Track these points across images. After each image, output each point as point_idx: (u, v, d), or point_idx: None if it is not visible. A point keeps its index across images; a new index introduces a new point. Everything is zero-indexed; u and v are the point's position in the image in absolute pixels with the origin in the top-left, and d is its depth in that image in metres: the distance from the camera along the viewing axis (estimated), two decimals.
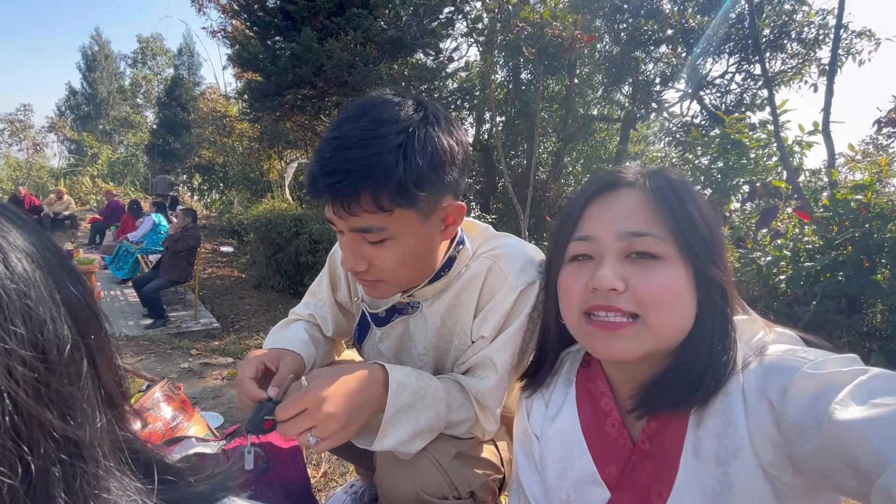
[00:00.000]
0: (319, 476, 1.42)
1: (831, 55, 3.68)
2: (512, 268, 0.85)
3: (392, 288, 0.82)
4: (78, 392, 0.32)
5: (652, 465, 0.64)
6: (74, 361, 0.32)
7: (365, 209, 0.70)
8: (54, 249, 0.34)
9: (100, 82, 31.04)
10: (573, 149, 10.35)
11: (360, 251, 0.76)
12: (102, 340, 0.35)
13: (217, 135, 12.98)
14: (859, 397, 0.48)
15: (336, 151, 0.70)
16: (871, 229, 2.67)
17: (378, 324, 0.95)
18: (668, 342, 0.61)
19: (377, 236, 0.73)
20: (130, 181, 20.94)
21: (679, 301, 0.60)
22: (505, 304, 0.84)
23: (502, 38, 6.18)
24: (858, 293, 2.66)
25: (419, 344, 0.93)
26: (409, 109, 0.73)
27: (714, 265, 0.61)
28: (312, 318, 1.05)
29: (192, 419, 1.10)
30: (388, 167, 0.68)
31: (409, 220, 0.73)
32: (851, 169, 6.71)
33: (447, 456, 0.84)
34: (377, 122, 0.71)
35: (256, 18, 7.02)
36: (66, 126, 25.95)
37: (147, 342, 4.05)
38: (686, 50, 7.91)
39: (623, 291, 0.60)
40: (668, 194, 0.62)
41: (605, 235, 0.63)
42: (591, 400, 0.73)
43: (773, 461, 0.54)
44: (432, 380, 0.85)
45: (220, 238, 11.11)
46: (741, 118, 3.95)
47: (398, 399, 0.78)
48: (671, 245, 0.61)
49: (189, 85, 23.17)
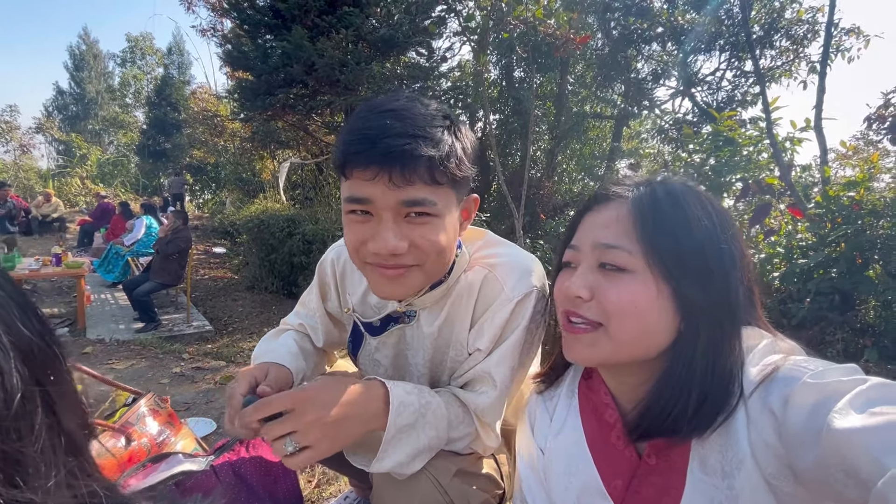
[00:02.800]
0: (313, 488, 1.39)
1: (822, 51, 3.68)
2: (508, 278, 0.83)
3: (419, 279, 0.75)
4: (29, 448, 0.28)
5: (659, 480, 0.63)
6: (26, 413, 0.28)
7: (422, 178, 0.68)
8: (3, 282, 0.30)
9: (88, 82, 30.63)
10: (567, 147, 10.36)
11: (402, 230, 0.70)
12: (63, 381, 0.31)
13: (208, 134, 12.86)
14: (859, 406, 0.47)
15: (395, 118, 0.68)
16: (864, 226, 2.68)
17: (373, 333, 0.92)
18: (633, 353, 0.62)
19: (427, 210, 0.69)
20: (121, 182, 20.72)
21: (644, 315, 0.60)
22: (501, 316, 0.81)
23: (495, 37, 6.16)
24: (852, 290, 2.68)
25: (417, 354, 0.90)
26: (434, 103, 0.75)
27: (694, 285, 0.59)
28: (303, 327, 1.03)
29: (180, 433, 1.07)
30: (443, 140, 0.69)
31: (451, 200, 0.73)
32: (843, 165, 6.77)
33: (447, 474, 0.81)
34: (420, 105, 0.72)
35: (246, 17, 6.94)
36: (53, 126, 25.65)
37: (138, 346, 4.00)
38: (677, 47, 7.93)
39: (589, 300, 0.63)
40: (647, 208, 0.62)
41: (584, 245, 0.66)
42: (594, 412, 0.73)
43: (775, 471, 0.54)
44: (434, 397, 0.81)
45: (213, 239, 11.02)
46: (733, 115, 3.96)
47: (399, 419, 0.74)
48: (640, 259, 0.60)
49: (179, 84, 22.92)
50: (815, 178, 4.57)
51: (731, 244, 0.61)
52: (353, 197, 0.71)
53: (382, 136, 0.67)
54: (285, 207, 7.87)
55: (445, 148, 0.69)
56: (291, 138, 9.54)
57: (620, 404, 0.70)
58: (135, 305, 5.23)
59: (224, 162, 13.40)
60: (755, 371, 0.58)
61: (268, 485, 0.91)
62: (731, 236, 0.62)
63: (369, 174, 0.68)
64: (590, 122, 10.31)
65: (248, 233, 7.22)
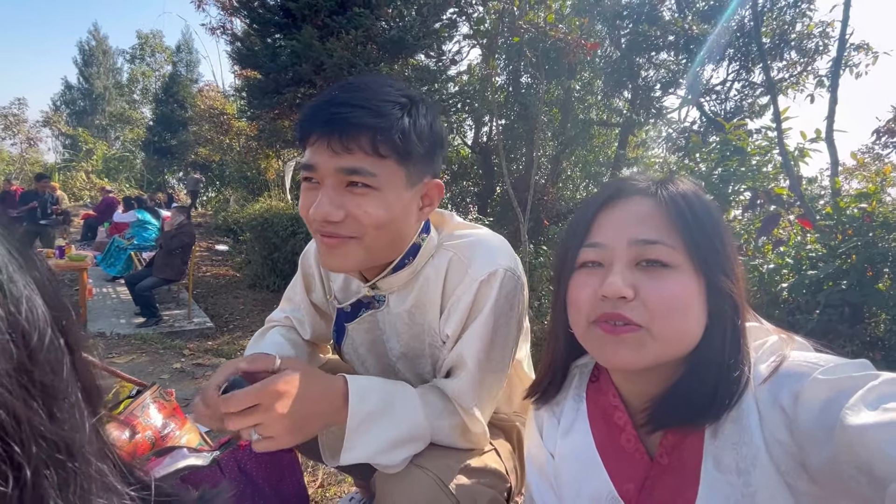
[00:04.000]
0: (317, 488, 1.37)
1: (834, 63, 3.67)
2: (473, 258, 0.81)
3: (359, 253, 0.75)
4: (62, 384, 0.28)
5: (672, 481, 0.62)
6: (55, 347, 0.28)
7: (362, 147, 0.69)
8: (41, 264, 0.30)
9: (96, 77, 30.85)
10: (572, 153, 10.38)
11: (339, 198, 0.71)
12: (74, 326, 0.31)
13: (214, 132, 12.90)
14: (871, 402, 0.47)
15: (345, 90, 0.71)
16: (875, 238, 2.65)
17: (346, 320, 0.92)
18: (674, 352, 0.60)
19: (365, 180, 0.70)
20: (125, 178, 20.80)
21: (688, 311, 0.59)
22: (466, 298, 0.79)
23: (503, 41, 6.17)
24: (862, 302, 2.65)
25: (391, 339, 0.90)
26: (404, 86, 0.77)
27: (726, 277, 0.60)
28: (289, 320, 1.03)
29: (184, 427, 1.05)
30: (394, 116, 0.70)
31: (397, 177, 0.73)
32: (849, 178, 6.75)
33: (450, 473, 0.79)
34: (383, 83, 0.74)
35: (257, 15, 6.98)
36: (60, 121, 25.79)
37: (139, 341, 3.98)
38: (687, 57, 7.94)
39: (632, 299, 0.59)
40: (681, 203, 0.62)
41: (616, 242, 0.62)
42: (603, 415, 0.71)
43: (789, 469, 0.53)
44: (400, 384, 0.81)
45: (216, 237, 11.02)
46: (741, 124, 3.95)
47: (363, 405, 0.74)
48: (683, 254, 0.60)
49: (187, 82, 23.08)
50: (822, 190, 4.55)
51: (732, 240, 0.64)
52: (303, 164, 0.75)
53: (328, 105, 0.70)
54: (289, 206, 7.87)
55: (391, 121, 0.69)
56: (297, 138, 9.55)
57: (630, 406, 0.68)
58: (136, 300, 5.22)
59: (229, 160, 13.43)
60: (764, 367, 0.57)
61: (273, 481, 0.89)
62: (730, 232, 0.64)
63: (313, 140, 0.72)
64: (595, 129, 10.34)
65: (252, 231, 7.22)
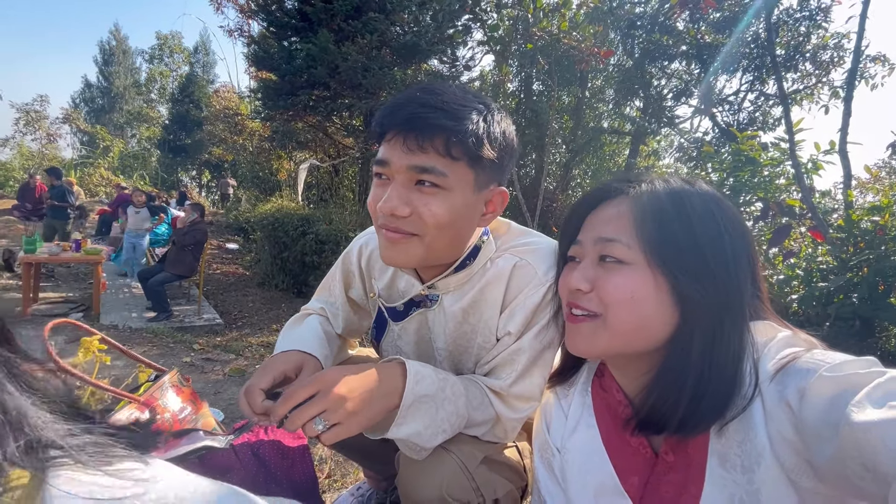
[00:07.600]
0: (324, 477, 1.39)
1: (849, 75, 3.65)
2: (541, 263, 0.84)
3: (418, 250, 0.76)
4: None
5: (677, 477, 0.63)
6: None
7: (436, 148, 0.71)
8: None
9: (116, 76, 31.45)
10: (582, 160, 10.35)
11: (407, 195, 0.73)
12: None
13: (228, 132, 13.08)
14: (877, 399, 0.46)
15: (426, 92, 0.74)
16: (888, 251, 2.63)
17: (395, 318, 0.93)
18: (631, 343, 0.63)
19: (435, 179, 0.72)
20: (140, 175, 21.11)
21: (640, 305, 0.61)
22: (534, 298, 0.82)
23: (516, 48, 6.21)
24: (873, 316, 2.62)
25: (438, 338, 0.91)
26: (481, 94, 0.80)
27: (692, 281, 0.59)
28: (324, 311, 1.04)
29: (201, 412, 1.08)
30: (470, 121, 0.72)
31: (466, 180, 0.74)
32: (864, 192, 6.67)
33: (474, 460, 0.81)
34: (462, 90, 0.76)
35: (274, 18, 7.11)
36: (79, 118, 26.27)
37: (150, 335, 4.05)
38: (700, 66, 7.91)
39: (588, 292, 0.65)
40: (647, 204, 0.63)
41: (587, 240, 0.68)
42: (609, 410, 0.72)
43: (794, 466, 0.53)
44: (451, 375, 0.83)
45: (227, 235, 11.15)
46: (754, 135, 3.93)
47: (417, 387, 0.75)
48: (638, 252, 0.62)
49: (203, 82, 23.43)
50: (835, 203, 4.50)
51: (736, 243, 0.61)
52: (376, 159, 0.76)
53: (407, 105, 0.72)
54: (300, 207, 7.94)
55: (466, 125, 0.71)
56: (310, 139, 9.67)
57: (632, 400, 0.69)
58: (148, 295, 5.30)
59: (241, 160, 13.59)
60: (771, 364, 0.57)
61: (285, 468, 0.91)
62: (737, 235, 0.62)
63: (389, 136, 0.74)
64: (606, 137, 10.31)
65: (262, 230, 7.29)
